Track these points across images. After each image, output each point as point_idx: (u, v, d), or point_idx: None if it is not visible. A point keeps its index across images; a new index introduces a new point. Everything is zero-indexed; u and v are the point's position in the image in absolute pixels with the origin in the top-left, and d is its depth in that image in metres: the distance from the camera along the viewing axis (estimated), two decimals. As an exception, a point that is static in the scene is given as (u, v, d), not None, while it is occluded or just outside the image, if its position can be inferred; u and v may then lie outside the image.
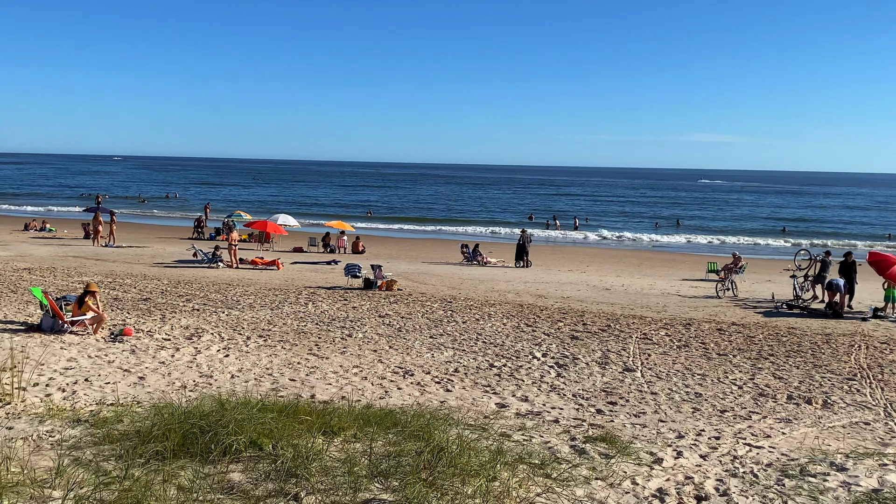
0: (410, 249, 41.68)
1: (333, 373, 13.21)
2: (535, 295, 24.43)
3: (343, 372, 13.30)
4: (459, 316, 19.79)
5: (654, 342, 17.06)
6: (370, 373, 13.30)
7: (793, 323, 20.28)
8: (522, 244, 34.34)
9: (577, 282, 28.29)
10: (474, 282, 27.56)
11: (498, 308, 21.33)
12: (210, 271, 29.05)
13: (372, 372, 13.39)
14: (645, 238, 55.40)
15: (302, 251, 38.63)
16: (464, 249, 35.73)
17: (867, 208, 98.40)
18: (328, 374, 13.11)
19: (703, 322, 19.94)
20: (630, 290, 26.14)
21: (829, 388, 13.26)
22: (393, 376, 13.13)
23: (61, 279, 24.57)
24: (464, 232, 56.13)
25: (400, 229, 59.11)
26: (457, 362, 14.48)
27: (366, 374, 13.23)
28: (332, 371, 13.33)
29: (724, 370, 14.53)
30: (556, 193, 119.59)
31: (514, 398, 11.88)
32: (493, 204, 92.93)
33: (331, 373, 13.20)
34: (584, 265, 35.26)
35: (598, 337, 17.47)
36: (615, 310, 21.71)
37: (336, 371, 13.35)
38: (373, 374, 13.24)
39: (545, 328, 18.38)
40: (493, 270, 32.12)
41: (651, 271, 33.45)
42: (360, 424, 7.44)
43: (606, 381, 13.31)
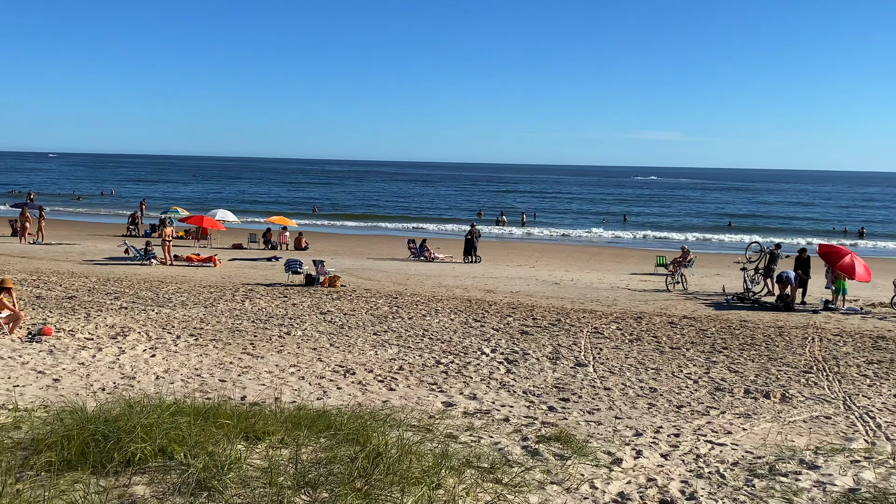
0: (356, 246, 40.81)
1: (268, 373, 12.40)
2: (484, 290, 23.86)
3: (279, 372, 12.50)
4: (405, 312, 19.09)
5: (606, 336, 16.60)
6: (308, 372, 12.53)
7: (744, 316, 20.07)
8: (471, 239, 33.76)
9: (526, 276, 27.82)
10: (421, 277, 26.87)
11: (445, 303, 20.69)
12: (143, 268, 27.83)
13: (310, 371, 12.61)
14: (593, 234, 55.41)
15: (242, 248, 37.45)
16: (410, 245, 35.02)
17: (811, 204, 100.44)
18: (262, 374, 12.29)
19: (654, 315, 19.59)
20: (579, 285, 25.76)
21: (787, 382, 12.93)
22: (333, 375, 12.38)
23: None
24: (411, 228, 55.38)
25: (344, 226, 58.09)
26: (402, 360, 13.78)
27: (303, 373, 12.45)
28: (266, 371, 12.51)
29: (678, 364, 14.12)
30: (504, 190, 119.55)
31: (461, 396, 11.24)
32: (442, 201, 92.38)
33: (265, 373, 12.38)
34: (532, 260, 34.86)
35: (549, 332, 16.95)
36: (565, 304, 21.25)
37: (271, 371, 12.53)
38: (311, 373, 12.47)
39: (494, 323, 17.80)
40: (441, 266, 31.48)
41: (600, 266, 33.20)
42: (288, 428, 6.70)
43: (558, 377, 12.76)
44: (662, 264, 30.58)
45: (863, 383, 12.92)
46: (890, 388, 12.61)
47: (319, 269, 23.96)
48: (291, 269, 24.46)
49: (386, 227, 57.12)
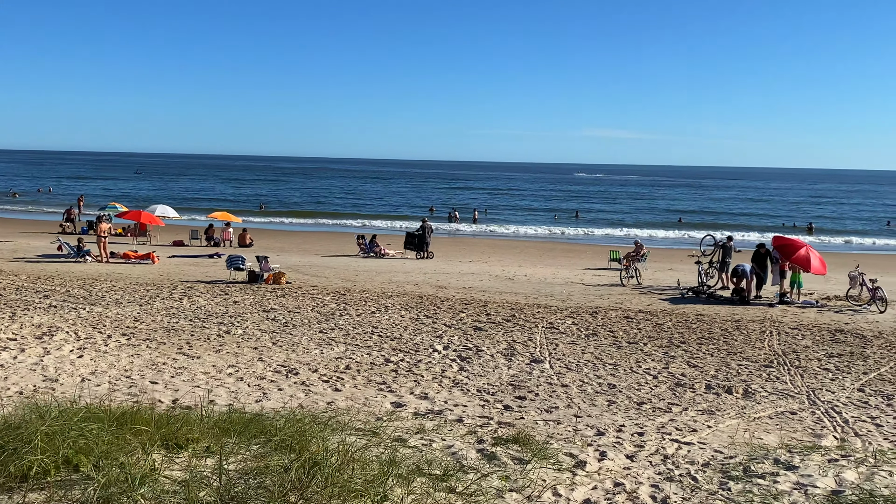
0: (303, 242, 39.87)
1: (204, 373, 11.63)
2: (436, 286, 23.27)
3: (215, 373, 11.73)
4: (353, 309, 18.41)
5: (562, 331, 16.16)
6: (248, 373, 11.79)
7: (700, 309, 19.83)
8: (423, 234, 33.16)
9: (480, 272, 27.32)
10: (371, 273, 26.17)
11: (396, 300, 20.05)
12: (77, 266, 26.61)
13: (249, 372, 11.87)
14: (545, 230, 55.24)
15: (183, 245, 36.23)
16: (360, 241, 34.25)
17: (760, 200, 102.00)
18: (197, 375, 11.52)
19: (609, 310, 19.23)
20: (533, 280, 25.34)
21: (748, 377, 12.60)
22: (274, 376, 11.66)
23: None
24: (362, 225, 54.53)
25: (292, 223, 56.96)
26: (349, 358, 13.12)
27: (242, 374, 11.71)
28: (202, 372, 11.74)
29: (636, 359, 13.72)
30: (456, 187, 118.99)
31: (412, 396, 10.63)
32: (393, 198, 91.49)
33: (201, 374, 11.61)
34: (485, 256, 34.40)
35: (503, 327, 16.44)
36: (519, 299, 20.78)
37: (207, 372, 11.76)
38: (250, 373, 11.73)
39: (446, 319, 17.22)
40: (392, 262, 30.80)
41: (553, 261, 32.88)
42: (215, 434, 6.00)
43: (513, 374, 12.24)
44: (616, 259, 30.36)
45: (825, 377, 12.66)
46: (852, 381, 12.36)
47: (263, 266, 23.11)
48: (233, 265, 23.55)
49: (336, 224, 56.16)
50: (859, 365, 13.65)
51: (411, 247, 33.34)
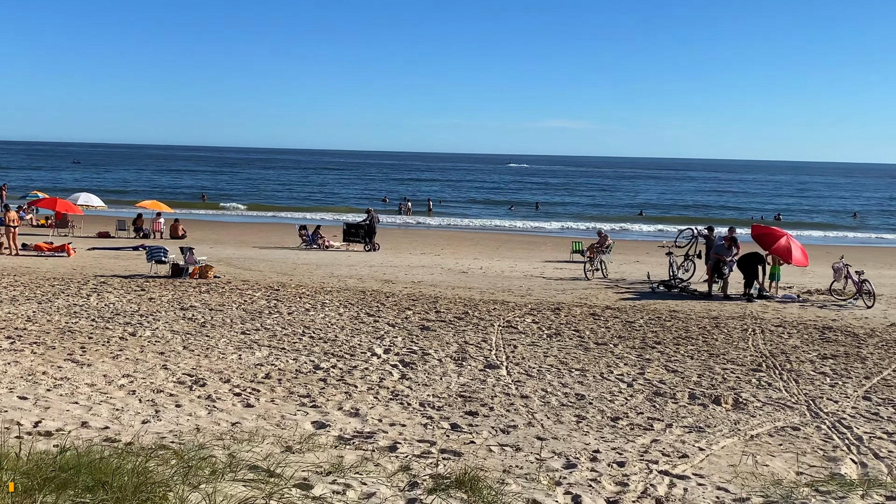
0: (242, 234, 37.84)
1: (90, 386, 9.82)
2: (381, 280, 21.58)
3: (104, 384, 9.93)
4: (285, 306, 16.66)
5: (520, 331, 14.62)
6: (144, 384, 10.00)
7: (673, 305, 18.47)
8: (370, 224, 31.43)
9: (431, 265, 25.69)
10: (310, 267, 24.38)
11: (335, 295, 18.33)
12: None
13: (147, 383, 10.09)
14: (502, 221, 53.81)
15: (109, 236, 33.98)
16: (302, 232, 32.38)
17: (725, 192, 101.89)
18: (81, 388, 9.70)
19: (573, 306, 17.76)
20: (489, 273, 23.80)
21: (736, 383, 11.18)
22: (175, 388, 9.90)
23: None
24: (307, 217, 52.44)
25: (233, 213, 54.75)
26: (271, 365, 11.40)
27: (137, 385, 9.92)
28: (88, 384, 9.93)
29: (606, 363, 12.23)
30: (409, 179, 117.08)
31: (339, 412, 8.97)
32: (342, 189, 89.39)
33: (85, 386, 9.80)
34: (437, 248, 32.79)
35: (454, 326, 14.84)
36: (473, 295, 19.21)
37: (94, 384, 9.95)
38: (147, 385, 9.95)
39: (390, 318, 15.57)
40: (336, 255, 29.01)
41: (511, 253, 31.38)
42: (23, 489, 4.30)
43: (464, 383, 10.64)
44: (579, 251, 28.99)
45: (823, 382, 11.30)
46: (855, 388, 11.01)
47: (188, 258, 21.19)
48: (154, 257, 21.59)
49: (279, 216, 53.97)
50: (858, 368, 12.32)
51: (353, 238, 31.61)
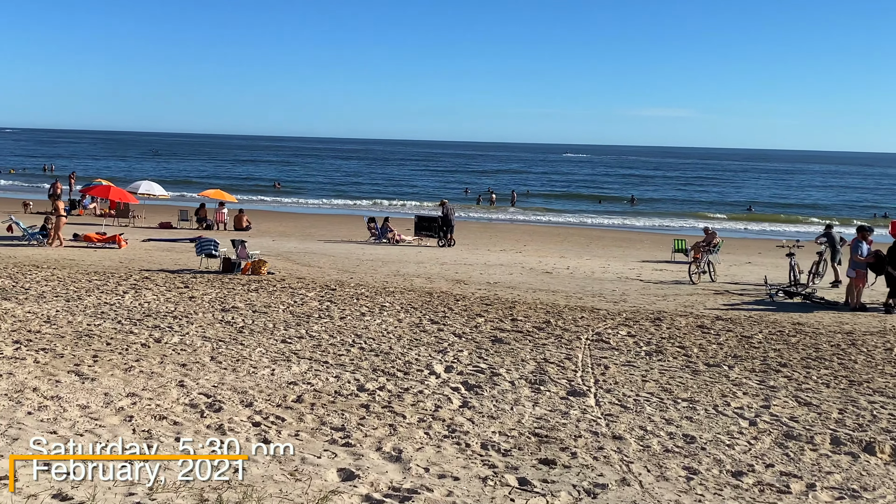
0: (310, 226, 36.81)
1: (81, 409, 8.45)
2: (453, 280, 19.94)
3: (100, 407, 8.55)
4: (338, 309, 15.17)
5: (613, 346, 12.73)
6: (148, 407, 8.58)
7: (797, 317, 16.23)
8: (445, 217, 29.84)
9: (510, 263, 23.92)
10: (375, 263, 22.93)
11: (397, 297, 16.77)
12: (27, 250, 23.84)
13: (152, 405, 8.67)
14: (594, 216, 51.51)
15: (171, 227, 33.46)
16: (371, 225, 31.06)
17: (844, 187, 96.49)
18: (70, 410, 8.34)
19: (677, 316, 15.74)
20: (577, 275, 21.87)
21: (891, 423, 9.07)
22: (184, 413, 8.45)
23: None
24: (385, 207, 51.32)
25: (303, 204, 54.08)
26: (306, 384, 9.86)
27: (139, 409, 8.50)
28: (81, 405, 8.57)
29: (720, 391, 10.26)
30: (494, 171, 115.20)
31: (376, 455, 7.34)
32: (419, 180, 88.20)
33: (76, 408, 8.44)
34: (520, 245, 30.97)
35: (532, 339, 13.05)
36: (557, 299, 17.37)
37: (89, 405, 8.59)
38: (151, 409, 8.52)
39: (457, 326, 13.89)
40: (405, 250, 27.53)
41: (602, 252, 29.32)
42: None
43: (541, 415, 8.88)
44: (681, 250, 26.73)
45: None
46: None
47: (240, 252, 19.97)
48: (204, 251, 20.48)
49: (351, 207, 53.01)
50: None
51: (426, 232, 30.07)
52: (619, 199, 68.25)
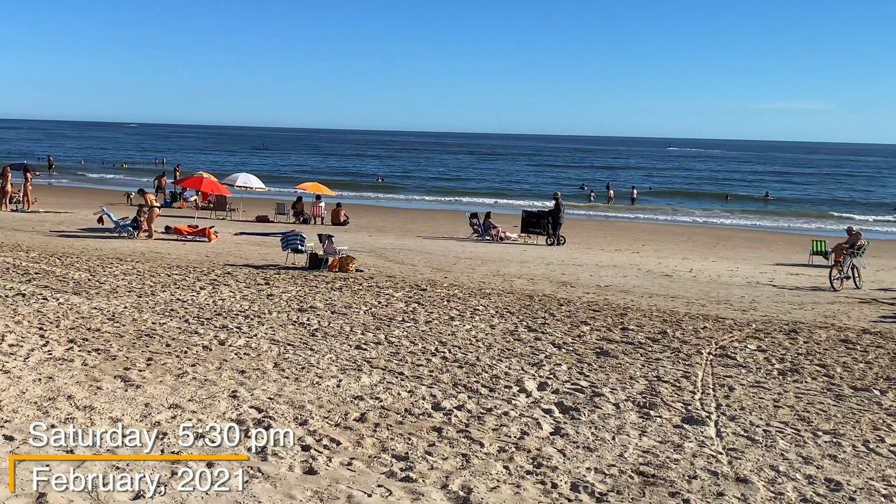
0: (410, 222, 36.13)
1: (112, 421, 7.73)
2: (558, 282, 18.70)
3: (134, 420, 7.81)
4: (426, 311, 14.19)
5: (739, 362, 11.29)
6: (186, 422, 7.77)
7: (963, 332, 14.29)
8: (555, 213, 28.52)
9: (625, 265, 22.46)
10: (474, 262, 21.88)
11: (493, 300, 15.67)
12: (116, 242, 23.86)
13: (193, 420, 7.87)
14: (723, 215, 49.03)
15: (267, 220, 33.34)
16: (473, 221, 30.03)
17: None
18: (99, 424, 7.61)
19: (816, 328, 14.07)
20: (701, 278, 20.25)
21: None
22: (228, 432, 7.58)
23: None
24: (490, 204, 50.23)
25: (407, 199, 53.65)
26: (374, 399, 8.89)
27: (176, 425, 7.70)
28: (112, 416, 7.85)
29: (870, 423, 8.76)
30: (611, 166, 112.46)
31: (441, 493, 6.29)
32: (532, 175, 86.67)
33: (106, 420, 7.72)
34: (638, 244, 29.36)
35: (644, 352, 11.73)
36: (676, 306, 15.92)
37: (121, 417, 7.86)
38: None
39: (558, 335, 12.68)
40: (509, 248, 26.39)
41: (730, 253, 27.43)
42: None
43: (648, 448, 7.64)
44: (821, 252, 24.62)
45: None
46: None
47: (327, 248, 19.27)
48: (290, 245, 19.86)
49: (455, 203, 52.11)
50: None
51: (533, 229, 28.81)
52: (748, 198, 65.04)
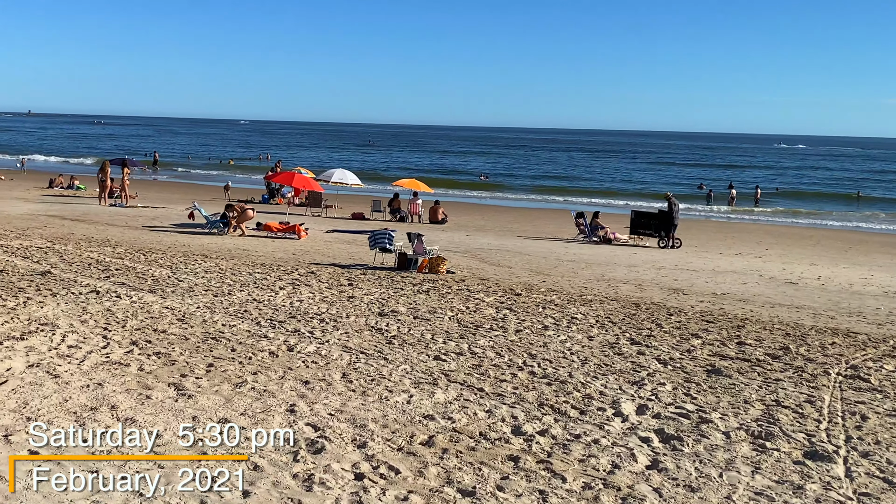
0: (512, 221, 35.23)
1: (153, 436, 7.19)
2: (669, 289, 17.56)
3: (174, 436, 7.25)
4: (517, 318, 13.35)
5: (874, 386, 10.05)
6: (232, 441, 7.16)
7: None
8: (668, 213, 27.22)
9: (745, 271, 21.05)
10: (577, 265, 20.88)
11: (594, 308, 14.71)
12: (205, 238, 23.88)
13: (241, 436, 7.25)
14: (857, 215, 46.38)
15: (363, 218, 33.07)
16: (579, 221, 28.93)
17: None
18: (137, 440, 7.07)
19: (967, 348, 12.58)
20: (830, 287, 18.74)
21: None
22: (275, 453, 6.95)
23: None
24: (600, 203, 48.87)
25: (510, 197, 52.72)
26: (447, 418, 8.13)
27: (219, 444, 7.10)
28: (151, 431, 7.30)
29: None
30: (733, 164, 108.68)
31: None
32: (639, 174, 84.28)
33: (145, 435, 7.17)
34: (761, 248, 27.71)
35: (763, 370, 10.60)
36: (802, 318, 14.61)
37: (161, 433, 7.32)
38: (234, 444, 7.09)
39: (664, 349, 11.65)
40: (617, 250, 25.24)
41: (865, 259, 25.55)
42: None
43: (761, 490, 6.65)
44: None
45: None
46: None
47: (416, 247, 18.62)
48: (378, 244, 19.29)
49: (561, 202, 50.81)
50: None
51: (644, 231, 27.53)
52: (883, 199, 61.51)
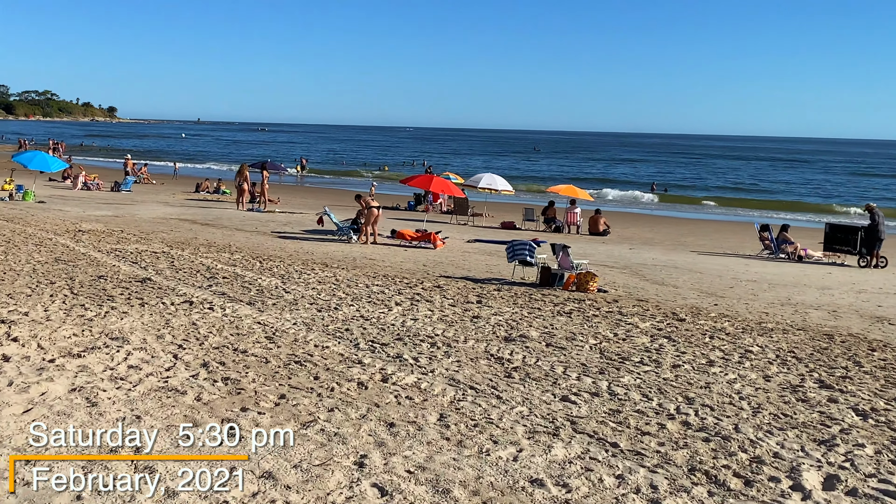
0: (686, 234, 32.95)
1: (169, 493, 5.90)
2: (871, 317, 15.21)
3: (219, 493, 5.95)
4: (675, 350, 11.50)
5: None
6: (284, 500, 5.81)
7: None
8: (871, 228, 24.41)
9: (971, 298, 18.28)
10: (759, 286, 18.65)
11: (775, 339, 12.65)
12: (332, 245, 23.14)
13: (283, 499, 5.89)
14: None
15: (513, 227, 31.68)
16: (764, 234, 26.44)
17: None
18: (166, 498, 5.82)
19: None
20: None
21: None
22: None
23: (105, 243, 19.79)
24: (787, 218, 45.59)
25: (689, 209, 50.09)
26: (562, 485, 6.53)
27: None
28: (170, 488, 6.03)
29: None
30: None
31: None
32: (841, 186, 79.13)
33: (160, 495, 5.90)
34: None
35: None
36: None
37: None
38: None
39: (864, 395, 9.57)
40: (808, 269, 22.70)
41: None
42: None
43: None
44: None
45: None
46: None
47: (561, 261, 16.96)
48: (517, 256, 17.74)
49: (741, 214, 47.67)
50: None
51: (842, 247, 24.76)
52: None
